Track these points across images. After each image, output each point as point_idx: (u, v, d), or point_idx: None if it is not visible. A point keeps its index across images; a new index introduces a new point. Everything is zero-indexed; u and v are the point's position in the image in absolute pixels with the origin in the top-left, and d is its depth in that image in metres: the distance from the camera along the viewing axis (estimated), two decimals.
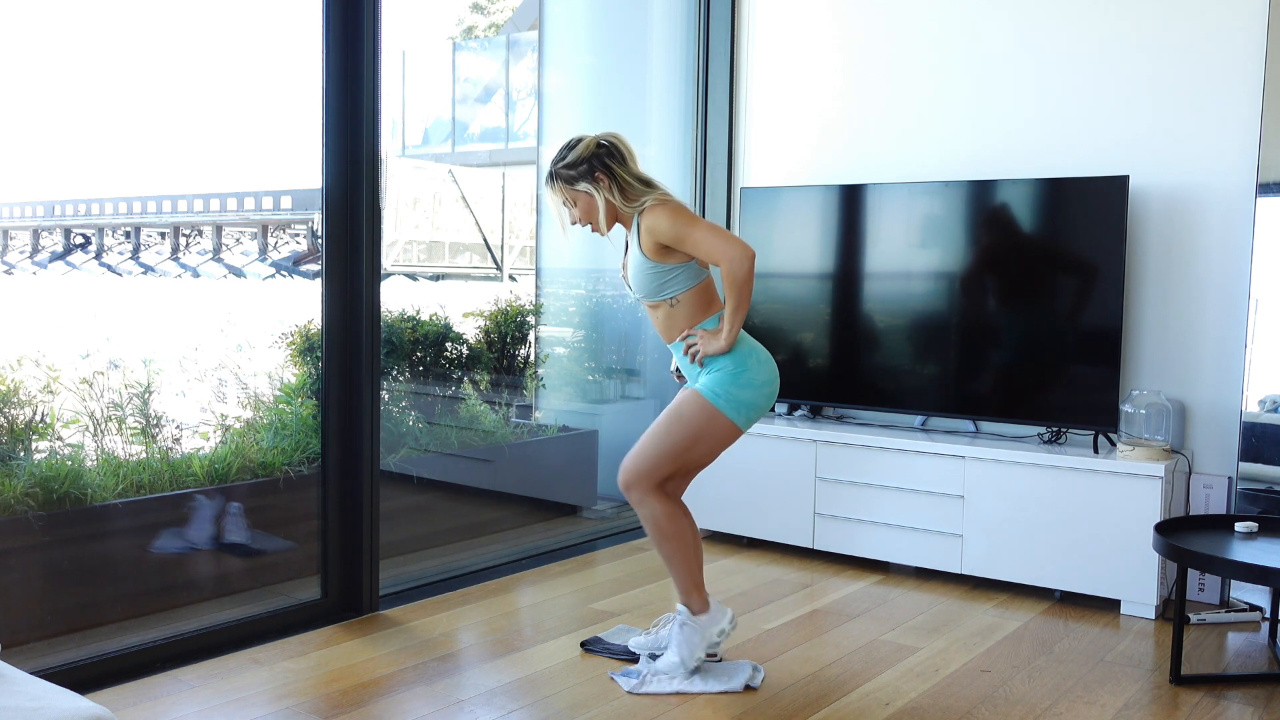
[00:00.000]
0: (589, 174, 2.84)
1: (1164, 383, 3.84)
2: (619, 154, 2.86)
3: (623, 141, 2.89)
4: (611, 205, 2.85)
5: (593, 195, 2.84)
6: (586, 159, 2.84)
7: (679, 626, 2.92)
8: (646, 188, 2.85)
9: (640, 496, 2.88)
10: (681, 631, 2.91)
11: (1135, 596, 3.59)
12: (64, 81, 3.54)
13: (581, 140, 2.87)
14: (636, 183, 2.85)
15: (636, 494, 2.88)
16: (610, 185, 2.83)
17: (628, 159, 2.87)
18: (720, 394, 2.79)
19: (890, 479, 4.01)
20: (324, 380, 3.38)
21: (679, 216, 2.78)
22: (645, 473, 2.87)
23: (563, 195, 2.89)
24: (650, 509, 2.88)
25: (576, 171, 2.85)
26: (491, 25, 9.89)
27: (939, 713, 2.78)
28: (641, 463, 2.88)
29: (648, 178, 2.89)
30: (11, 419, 3.11)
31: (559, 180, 2.88)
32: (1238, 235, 3.71)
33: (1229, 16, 3.71)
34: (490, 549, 4.28)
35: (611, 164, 2.84)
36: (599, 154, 2.85)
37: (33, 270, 4.09)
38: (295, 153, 3.80)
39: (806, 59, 4.64)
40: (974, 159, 4.20)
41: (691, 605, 2.92)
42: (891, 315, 4.24)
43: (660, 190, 2.86)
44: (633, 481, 2.89)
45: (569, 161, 2.86)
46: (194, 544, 3.35)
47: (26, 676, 1.85)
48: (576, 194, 2.87)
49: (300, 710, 2.69)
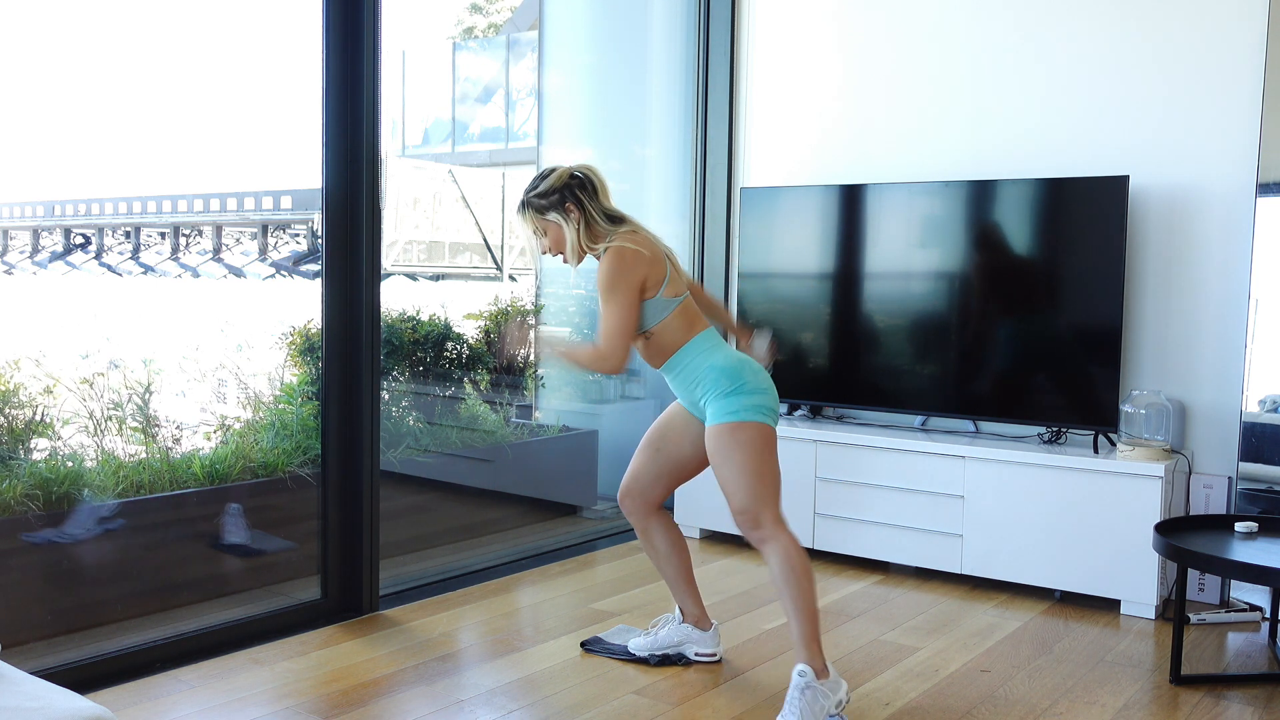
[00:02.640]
0: (559, 204, 2.81)
1: (1164, 383, 3.84)
2: (591, 186, 2.83)
3: (596, 174, 2.85)
4: (582, 236, 2.81)
5: (562, 226, 2.82)
6: (558, 189, 2.81)
7: (801, 691, 2.60)
8: (613, 224, 2.81)
9: (772, 533, 2.70)
10: (806, 697, 2.60)
11: (1135, 596, 3.59)
12: (64, 81, 3.54)
13: (555, 170, 2.84)
14: (603, 219, 2.80)
15: (767, 531, 2.70)
16: (580, 218, 2.80)
17: (599, 192, 2.83)
18: (737, 410, 2.73)
19: (890, 479, 4.01)
20: (324, 380, 3.38)
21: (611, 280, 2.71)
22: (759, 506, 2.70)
23: (533, 224, 2.86)
24: (783, 545, 2.69)
25: (547, 201, 2.82)
26: (491, 25, 9.88)
27: (939, 713, 2.78)
28: (747, 501, 2.71)
29: (618, 213, 2.84)
30: (11, 419, 3.11)
31: (530, 209, 2.85)
32: (1238, 235, 3.71)
33: (1229, 17, 3.71)
34: (490, 549, 4.28)
35: (582, 196, 2.81)
36: (570, 185, 2.81)
37: (33, 270, 4.09)
38: (295, 153, 3.80)
39: (806, 58, 4.64)
40: (974, 159, 4.20)
41: (815, 665, 2.63)
42: (891, 315, 4.24)
43: (628, 226, 2.81)
44: (758, 521, 2.70)
45: (540, 191, 2.83)
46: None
47: (26, 676, 1.85)
48: (547, 224, 2.83)
49: (300, 710, 2.69)
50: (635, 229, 2.81)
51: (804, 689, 2.60)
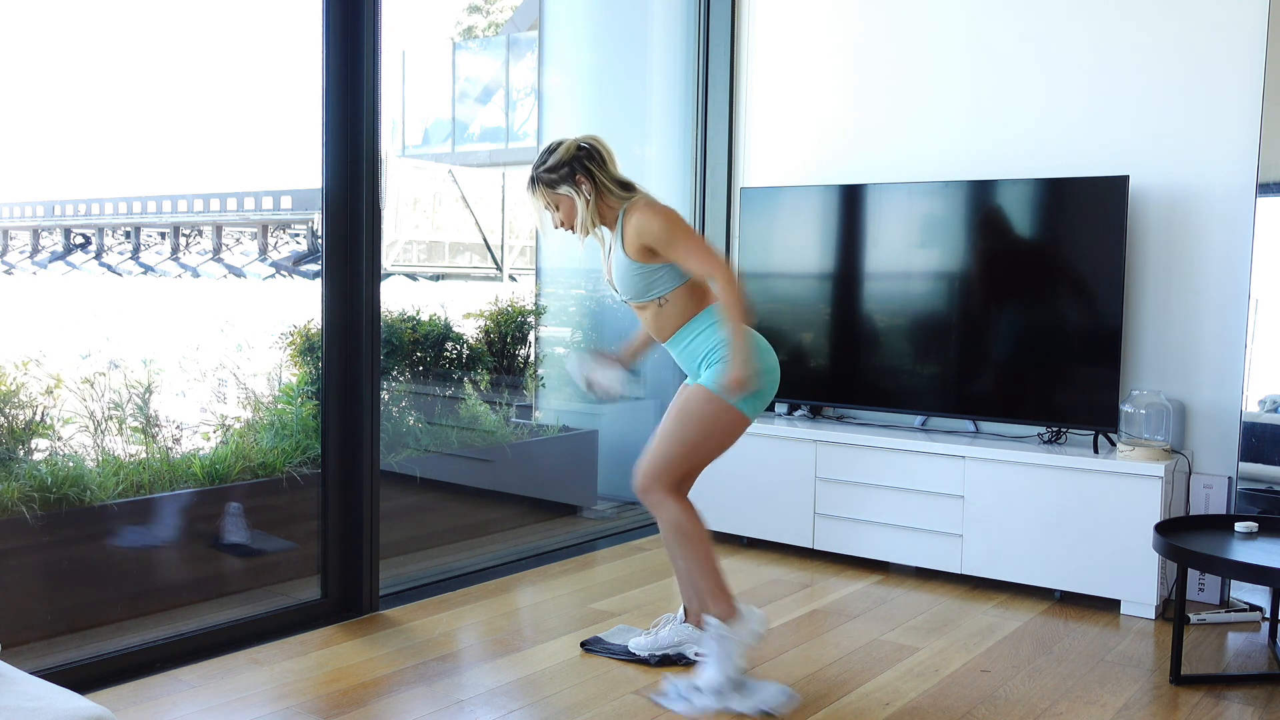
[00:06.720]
0: (570, 177, 2.83)
1: (1164, 383, 3.84)
2: (599, 157, 2.86)
3: (603, 144, 2.88)
4: (593, 207, 2.85)
5: (574, 198, 2.84)
6: (567, 162, 2.84)
7: (715, 640, 2.78)
8: (625, 191, 2.86)
9: (659, 498, 2.85)
10: (719, 645, 2.77)
11: (1135, 596, 3.59)
12: (64, 81, 3.54)
13: (562, 144, 2.87)
14: (616, 186, 2.85)
15: (655, 495, 2.85)
16: (591, 188, 2.83)
17: (608, 162, 2.87)
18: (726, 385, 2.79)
19: (890, 479, 4.01)
20: (324, 380, 3.38)
21: (667, 226, 2.77)
22: (662, 472, 2.85)
23: (544, 199, 2.89)
24: (670, 511, 2.85)
25: (558, 175, 2.84)
26: (491, 25, 9.89)
27: (939, 713, 2.78)
28: (657, 462, 2.86)
29: (627, 180, 2.89)
30: (12, 419, 3.11)
31: (540, 184, 2.87)
32: (1238, 235, 3.71)
33: (1229, 16, 3.71)
34: (490, 549, 4.28)
35: (592, 166, 2.84)
36: (579, 157, 2.84)
37: (33, 270, 4.09)
38: (295, 153, 3.80)
39: (806, 59, 4.64)
40: (974, 159, 4.20)
41: (721, 612, 2.81)
42: (892, 315, 4.24)
43: (641, 193, 2.87)
44: (650, 484, 2.86)
45: (550, 165, 2.85)
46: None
47: (26, 676, 1.85)
48: (559, 198, 2.86)
49: (300, 710, 2.69)
50: (649, 196, 2.87)
51: (716, 638, 2.78)
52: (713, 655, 2.79)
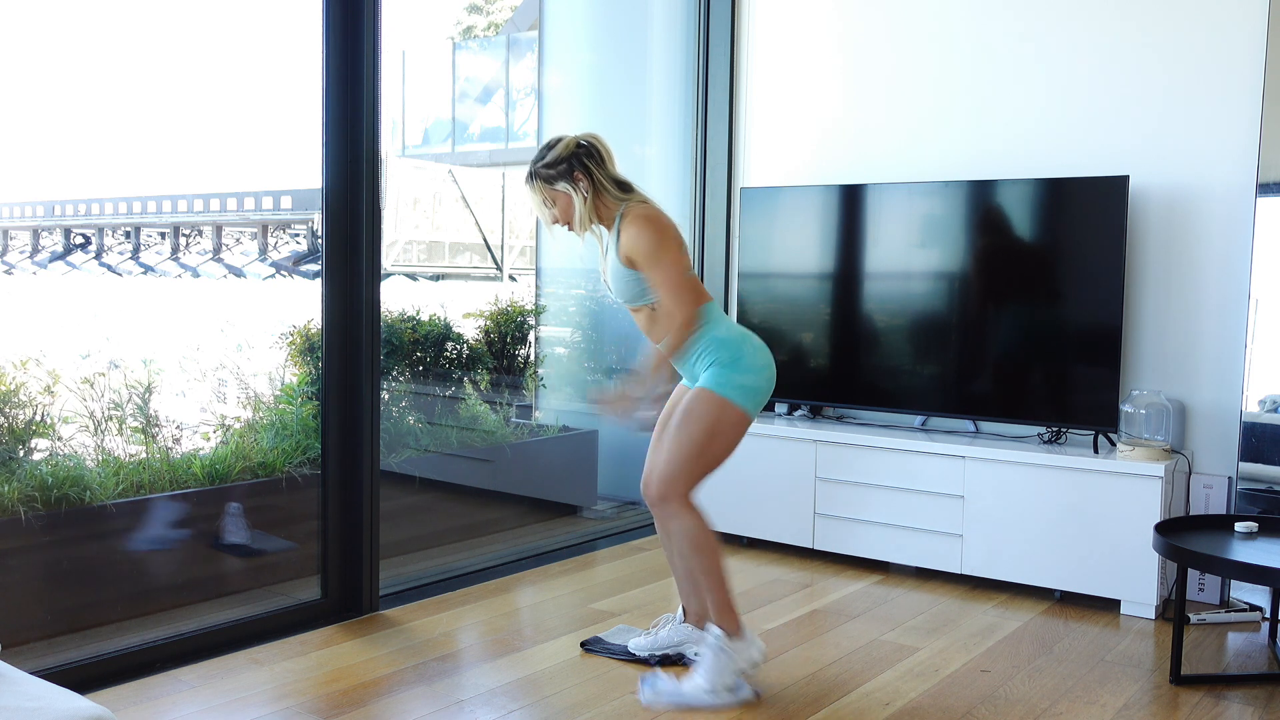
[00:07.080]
0: (568, 174, 2.83)
1: (1164, 383, 3.84)
2: (598, 155, 2.86)
3: (602, 142, 2.88)
4: (590, 205, 2.85)
5: (571, 195, 2.84)
6: (566, 159, 2.84)
7: (713, 651, 2.78)
8: (623, 191, 2.86)
9: (676, 508, 2.82)
10: (716, 657, 2.77)
11: (1135, 596, 3.59)
12: (64, 81, 3.54)
13: (561, 140, 2.87)
14: (613, 186, 2.85)
15: (673, 505, 2.82)
16: (589, 186, 2.83)
17: (606, 160, 2.87)
18: (724, 383, 2.79)
19: (890, 479, 4.01)
20: (324, 380, 3.38)
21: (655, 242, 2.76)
22: (679, 479, 2.81)
23: (542, 195, 2.89)
24: (685, 521, 2.82)
25: (555, 171, 2.84)
26: (491, 25, 9.89)
27: (939, 713, 2.78)
28: (673, 470, 2.81)
29: (625, 180, 2.89)
30: (12, 419, 3.11)
31: (538, 180, 2.88)
32: (1238, 235, 3.71)
33: (1229, 16, 3.71)
34: (490, 549, 4.28)
35: (590, 164, 2.84)
36: (578, 154, 2.84)
37: (33, 270, 4.09)
38: (295, 153, 3.80)
39: (806, 58, 4.64)
40: (974, 159, 4.20)
41: (726, 627, 2.80)
42: (891, 315, 4.24)
43: (638, 195, 2.86)
44: (668, 492, 2.82)
45: (548, 161, 2.85)
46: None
47: (26, 676, 1.85)
48: (555, 193, 2.86)
49: (300, 710, 2.69)
50: (646, 198, 2.87)
51: (716, 650, 2.77)
52: (706, 663, 2.79)
